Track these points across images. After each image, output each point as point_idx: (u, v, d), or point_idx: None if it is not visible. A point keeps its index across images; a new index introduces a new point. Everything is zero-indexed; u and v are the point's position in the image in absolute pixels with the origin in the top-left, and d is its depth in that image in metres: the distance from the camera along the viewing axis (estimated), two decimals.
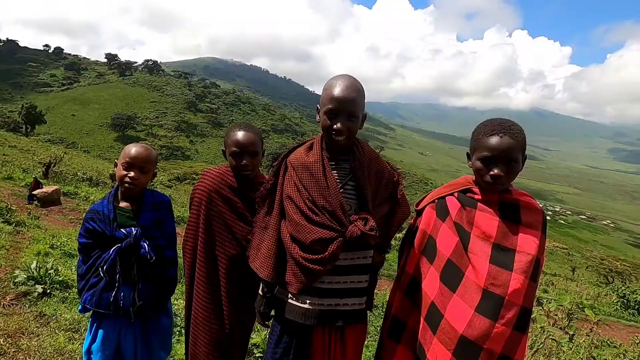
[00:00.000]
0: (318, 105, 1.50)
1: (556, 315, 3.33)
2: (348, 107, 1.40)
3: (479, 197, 1.40)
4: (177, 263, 1.85)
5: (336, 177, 1.47)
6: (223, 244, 1.70)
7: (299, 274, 1.42)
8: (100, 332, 1.72)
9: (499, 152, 1.31)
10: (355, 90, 1.42)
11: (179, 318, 3.32)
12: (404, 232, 1.71)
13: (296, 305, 1.47)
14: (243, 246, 1.67)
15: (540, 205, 1.40)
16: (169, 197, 1.89)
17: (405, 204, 1.58)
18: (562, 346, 3.28)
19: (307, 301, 1.44)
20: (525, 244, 1.30)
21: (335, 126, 1.41)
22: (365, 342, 1.85)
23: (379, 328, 1.57)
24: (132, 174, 1.66)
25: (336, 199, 1.42)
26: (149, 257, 1.66)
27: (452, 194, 1.47)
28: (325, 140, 1.49)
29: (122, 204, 1.74)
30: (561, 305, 3.85)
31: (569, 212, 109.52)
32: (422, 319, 1.43)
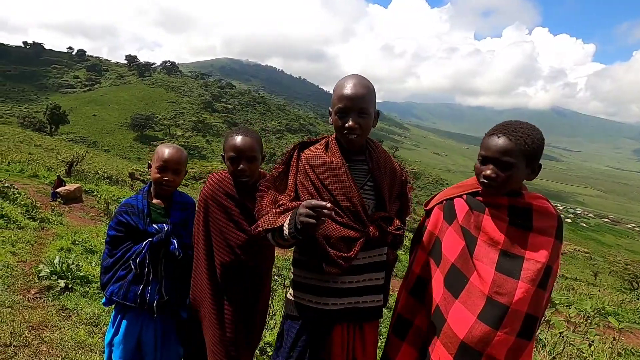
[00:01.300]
0: (330, 108, 1.50)
1: (575, 320, 3.23)
2: (358, 103, 1.40)
3: (488, 200, 1.35)
4: None
5: (355, 178, 1.47)
6: (218, 250, 1.69)
7: (326, 264, 1.41)
8: (123, 325, 1.77)
9: (492, 153, 1.27)
10: (363, 86, 1.42)
11: None
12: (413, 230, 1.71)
13: (317, 308, 1.47)
14: (236, 254, 1.66)
15: (557, 210, 1.32)
16: (193, 200, 1.93)
17: (410, 202, 1.61)
18: (582, 352, 3.18)
19: (330, 302, 1.45)
20: (536, 251, 1.25)
21: (347, 124, 1.40)
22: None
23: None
24: (167, 177, 1.74)
25: (359, 200, 1.43)
26: (177, 253, 1.71)
27: (460, 196, 1.44)
28: (340, 140, 1.48)
29: (155, 201, 1.82)
30: (582, 311, 3.73)
31: (591, 215, 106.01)
32: (428, 321, 1.43)
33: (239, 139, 1.64)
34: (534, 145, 1.26)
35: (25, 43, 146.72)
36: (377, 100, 1.51)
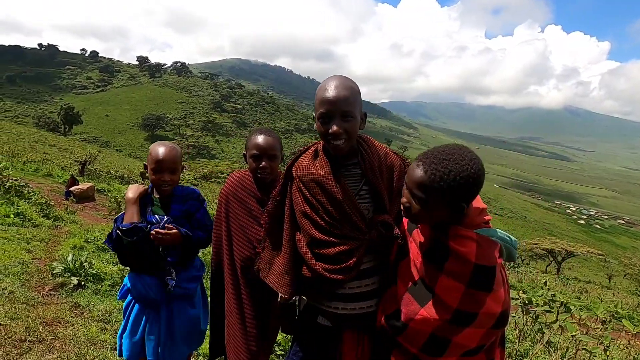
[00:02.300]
0: (313, 113, 1.41)
1: (589, 324, 3.16)
2: (340, 107, 1.30)
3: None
4: (209, 234, 1.87)
5: (349, 185, 1.39)
6: (239, 245, 1.76)
7: (320, 284, 1.41)
8: (131, 320, 1.81)
9: (408, 182, 1.25)
10: (345, 88, 1.31)
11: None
12: None
13: (327, 311, 1.45)
14: (256, 248, 1.71)
15: (482, 256, 1.16)
16: (197, 190, 1.95)
17: None
18: (596, 357, 3.11)
19: (340, 307, 1.43)
20: (445, 293, 1.20)
21: (330, 130, 1.31)
22: None
23: None
24: (164, 178, 1.74)
25: (355, 209, 1.37)
26: (184, 233, 1.74)
27: None
28: (327, 146, 1.40)
29: (156, 194, 1.86)
30: (595, 314, 3.66)
31: (605, 217, 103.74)
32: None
33: (261, 138, 1.72)
34: (453, 183, 1.10)
35: (40, 45, 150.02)
36: (386, 100, 1.56)
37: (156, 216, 1.75)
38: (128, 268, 1.84)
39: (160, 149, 1.74)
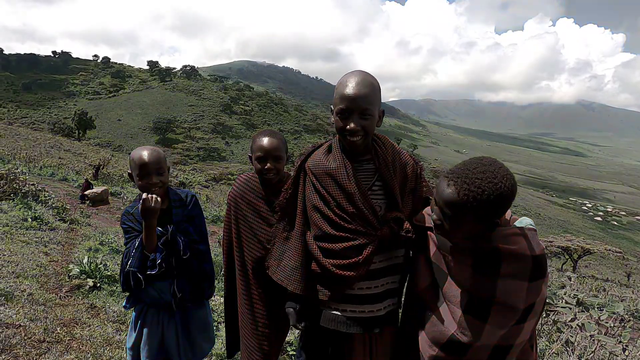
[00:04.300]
0: (332, 106, 1.42)
1: (607, 323, 3.08)
2: (360, 104, 1.29)
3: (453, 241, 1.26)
4: (210, 258, 1.90)
5: (362, 179, 1.39)
6: (249, 246, 1.78)
7: (329, 282, 1.39)
8: (146, 326, 1.79)
9: (439, 200, 1.18)
10: (366, 85, 1.30)
11: (215, 313, 3.44)
12: None
13: (336, 315, 1.42)
14: (266, 249, 1.71)
15: (533, 248, 1.14)
16: (193, 192, 1.95)
17: (423, 193, 1.51)
18: (616, 356, 3.03)
19: (348, 309, 1.40)
20: (507, 297, 1.15)
21: (348, 126, 1.32)
22: None
23: None
24: (153, 180, 1.68)
25: (367, 203, 1.35)
26: (182, 252, 1.72)
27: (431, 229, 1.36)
28: (342, 141, 1.41)
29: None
30: (614, 313, 3.57)
31: (623, 213, 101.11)
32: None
33: (265, 140, 1.73)
34: (486, 203, 1.05)
35: (54, 52, 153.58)
36: (394, 98, 1.54)
37: (159, 228, 1.70)
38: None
39: (142, 152, 1.68)
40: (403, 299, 1.51)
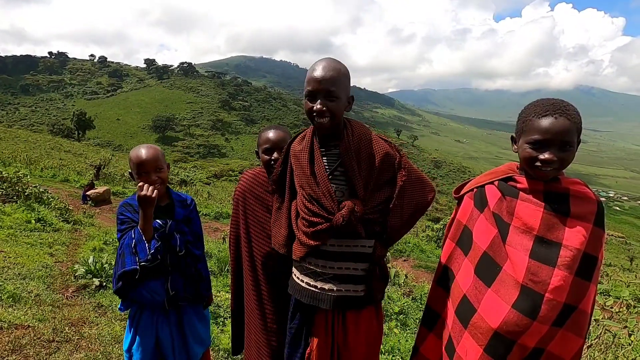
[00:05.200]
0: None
1: (612, 308, 3.10)
2: (325, 85, 1.36)
3: (523, 185, 1.28)
4: (205, 262, 1.91)
5: (325, 163, 1.45)
6: (258, 240, 1.79)
7: (299, 245, 1.51)
8: (140, 327, 1.78)
9: (553, 135, 1.18)
10: (332, 69, 1.38)
11: (222, 309, 3.47)
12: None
13: (296, 283, 1.55)
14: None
15: (597, 195, 1.25)
16: (192, 198, 1.96)
17: (420, 188, 1.51)
18: (620, 340, 3.05)
19: (304, 280, 1.51)
20: (573, 237, 1.19)
21: (315, 107, 1.38)
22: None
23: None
24: (152, 178, 1.68)
25: (323, 186, 1.41)
26: (178, 249, 1.72)
27: (492, 183, 1.37)
28: (312, 124, 1.48)
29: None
30: (618, 298, 3.58)
31: (625, 198, 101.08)
32: (453, 312, 1.39)
33: (272, 132, 1.79)
34: (581, 123, 1.23)
35: (50, 53, 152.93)
36: (393, 90, 1.57)
37: (158, 221, 1.70)
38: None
39: (139, 151, 1.70)
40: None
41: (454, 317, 1.38)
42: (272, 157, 1.74)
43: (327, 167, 1.45)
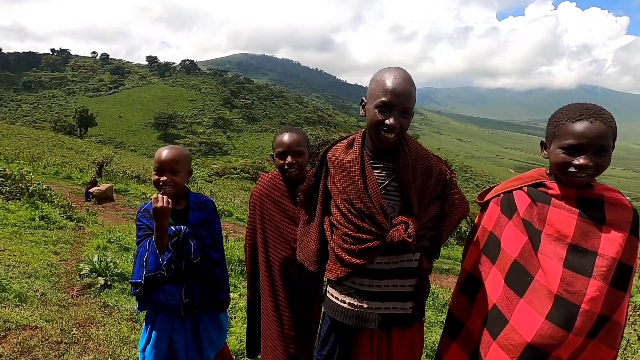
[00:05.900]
0: (364, 98, 1.39)
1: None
2: (403, 101, 1.28)
3: (554, 191, 1.24)
4: (224, 265, 1.87)
5: (377, 177, 1.37)
6: (275, 245, 1.75)
7: (338, 264, 1.41)
8: (155, 329, 1.77)
9: (589, 139, 1.14)
10: (410, 83, 1.30)
11: (239, 311, 3.43)
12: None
13: (335, 304, 1.45)
14: (293, 248, 1.68)
15: (631, 203, 1.23)
16: (212, 200, 1.93)
17: (462, 204, 1.46)
18: (632, 345, 3.01)
19: (347, 301, 1.42)
20: (609, 245, 1.15)
21: (387, 121, 1.28)
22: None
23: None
24: (163, 177, 1.68)
25: (376, 201, 1.32)
26: (192, 256, 1.68)
27: (520, 188, 1.32)
28: (372, 136, 1.37)
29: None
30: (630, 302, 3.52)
31: (629, 198, 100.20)
32: (480, 322, 1.34)
33: (286, 135, 1.73)
34: (616, 128, 1.20)
35: (52, 50, 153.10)
36: None
37: (172, 227, 1.67)
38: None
39: (163, 151, 1.70)
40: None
41: (482, 327, 1.33)
42: (287, 162, 1.69)
43: (379, 181, 1.37)
